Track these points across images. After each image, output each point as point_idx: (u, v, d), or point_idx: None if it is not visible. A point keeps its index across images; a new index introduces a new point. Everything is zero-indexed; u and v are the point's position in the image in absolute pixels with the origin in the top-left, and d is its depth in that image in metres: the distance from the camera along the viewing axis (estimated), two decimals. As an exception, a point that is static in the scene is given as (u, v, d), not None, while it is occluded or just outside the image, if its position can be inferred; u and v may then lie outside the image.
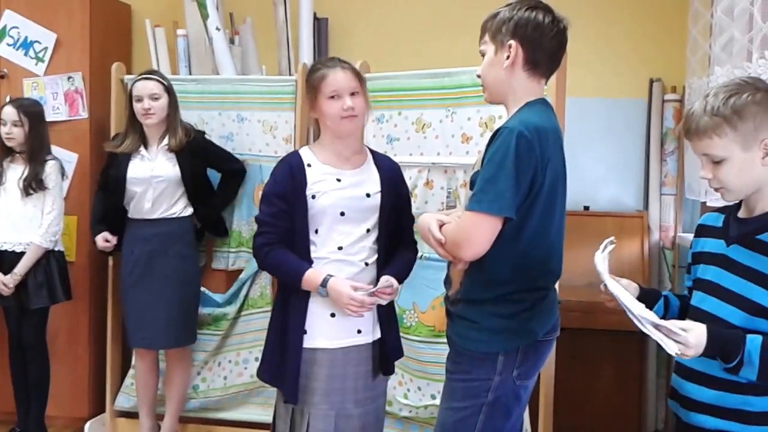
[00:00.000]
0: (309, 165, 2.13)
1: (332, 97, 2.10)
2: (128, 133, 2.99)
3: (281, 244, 2.09)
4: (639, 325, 1.46)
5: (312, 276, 2.06)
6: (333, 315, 2.09)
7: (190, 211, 3.03)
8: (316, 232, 2.10)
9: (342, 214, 2.10)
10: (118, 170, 2.97)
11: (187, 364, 3.16)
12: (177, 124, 2.98)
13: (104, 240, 3.03)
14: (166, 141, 2.96)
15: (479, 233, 1.64)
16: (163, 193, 2.96)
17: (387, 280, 2.11)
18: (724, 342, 1.46)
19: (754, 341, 1.44)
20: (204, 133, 3.11)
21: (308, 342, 2.09)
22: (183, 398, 3.16)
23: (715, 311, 1.54)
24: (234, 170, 3.13)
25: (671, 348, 1.43)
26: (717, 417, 1.53)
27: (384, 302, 2.13)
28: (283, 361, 2.09)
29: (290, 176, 2.09)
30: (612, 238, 1.64)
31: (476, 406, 1.74)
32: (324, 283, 2.05)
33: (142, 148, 2.98)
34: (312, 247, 2.10)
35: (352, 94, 2.12)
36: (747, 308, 1.48)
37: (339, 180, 2.12)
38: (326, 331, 2.10)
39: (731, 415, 1.51)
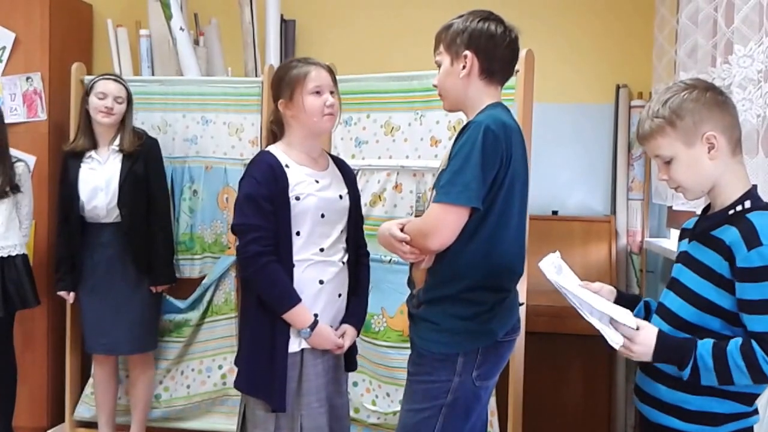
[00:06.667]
0: (287, 166, 2.09)
1: (316, 93, 2.09)
2: (82, 132, 2.94)
3: (275, 255, 2.03)
4: (583, 314, 1.54)
5: (302, 312, 2.04)
6: (316, 315, 2.08)
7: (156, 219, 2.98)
8: (298, 234, 2.07)
9: (322, 215, 2.09)
10: (70, 178, 2.91)
11: (151, 370, 3.10)
12: (129, 127, 2.95)
13: (65, 295, 2.99)
14: (117, 142, 2.92)
15: (446, 223, 1.68)
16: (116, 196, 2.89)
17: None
18: (674, 347, 1.49)
19: (705, 344, 1.46)
20: (157, 141, 3.04)
21: (293, 346, 2.07)
22: (148, 405, 3.10)
23: (671, 305, 1.58)
24: (160, 212, 2.98)
25: (614, 340, 1.49)
26: (659, 410, 1.56)
27: None
28: (270, 369, 2.04)
29: (272, 177, 2.05)
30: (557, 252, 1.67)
31: (436, 407, 1.76)
32: (312, 326, 2.05)
33: (93, 152, 2.93)
34: (293, 249, 2.07)
35: (331, 92, 2.13)
36: (697, 304, 1.51)
37: (317, 181, 2.11)
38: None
39: (671, 411, 1.54)
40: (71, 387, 3.23)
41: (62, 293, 3.00)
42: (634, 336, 1.50)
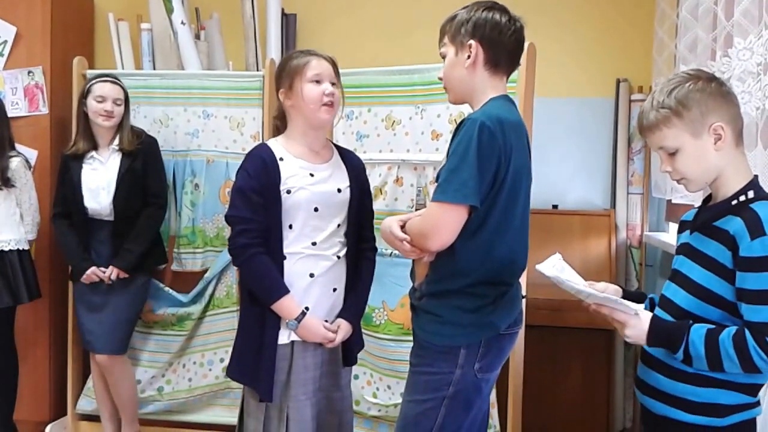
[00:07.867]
0: (281, 159, 2.09)
1: (315, 81, 2.08)
2: (81, 135, 2.93)
3: (263, 247, 2.04)
4: (590, 303, 1.57)
5: (289, 304, 2.04)
6: (307, 308, 2.08)
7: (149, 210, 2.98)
8: (290, 227, 2.07)
9: (316, 209, 2.09)
10: (73, 180, 2.91)
11: (128, 371, 3.06)
12: (128, 126, 2.94)
13: (96, 274, 2.89)
14: (117, 141, 2.92)
15: (445, 222, 1.67)
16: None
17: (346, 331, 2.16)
18: (665, 332, 1.50)
19: (697, 331, 1.46)
20: (155, 140, 3.04)
21: (283, 338, 2.07)
22: (135, 404, 3.09)
23: (673, 296, 1.58)
24: (154, 204, 2.98)
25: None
26: (663, 402, 1.56)
27: None
28: (258, 359, 2.06)
29: (264, 170, 2.05)
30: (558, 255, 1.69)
31: (437, 399, 1.76)
32: (299, 318, 2.05)
33: (94, 152, 2.93)
34: (285, 242, 2.07)
35: (332, 84, 2.12)
36: (699, 295, 1.51)
37: (312, 175, 2.11)
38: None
39: (676, 402, 1.54)
40: (73, 380, 3.24)
41: (95, 270, 2.88)
42: (628, 320, 1.53)
